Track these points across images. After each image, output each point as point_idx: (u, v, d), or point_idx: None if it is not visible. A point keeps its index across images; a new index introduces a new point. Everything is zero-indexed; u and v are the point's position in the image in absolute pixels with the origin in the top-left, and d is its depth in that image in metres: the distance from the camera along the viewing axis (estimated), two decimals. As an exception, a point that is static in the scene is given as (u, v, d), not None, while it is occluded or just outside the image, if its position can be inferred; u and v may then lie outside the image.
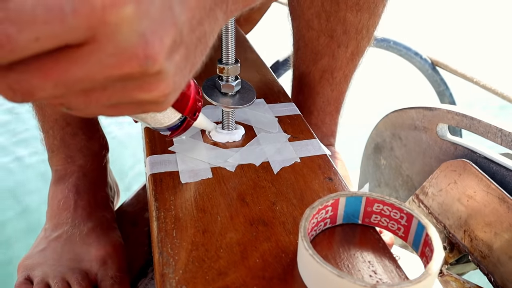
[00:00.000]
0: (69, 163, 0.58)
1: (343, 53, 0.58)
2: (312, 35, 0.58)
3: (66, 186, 0.57)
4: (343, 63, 0.60)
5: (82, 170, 0.58)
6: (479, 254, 0.51)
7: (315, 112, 0.65)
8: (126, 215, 0.65)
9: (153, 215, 0.37)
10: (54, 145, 0.58)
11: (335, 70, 0.60)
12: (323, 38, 0.58)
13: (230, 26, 0.39)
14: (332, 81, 0.61)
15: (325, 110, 0.65)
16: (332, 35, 0.57)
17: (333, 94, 0.63)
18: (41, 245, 0.53)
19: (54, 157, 0.59)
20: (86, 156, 0.59)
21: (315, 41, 0.58)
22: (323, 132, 0.66)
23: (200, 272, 0.31)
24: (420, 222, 0.32)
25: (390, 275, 0.31)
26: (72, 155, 0.58)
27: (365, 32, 0.57)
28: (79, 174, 0.58)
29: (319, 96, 0.63)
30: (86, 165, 0.59)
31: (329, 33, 0.57)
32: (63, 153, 0.58)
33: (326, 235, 0.35)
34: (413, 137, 0.68)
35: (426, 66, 1.20)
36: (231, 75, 0.42)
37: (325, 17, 0.56)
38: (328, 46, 0.58)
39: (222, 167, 0.42)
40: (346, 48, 0.58)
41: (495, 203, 0.49)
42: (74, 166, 0.58)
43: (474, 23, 3.20)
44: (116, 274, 0.51)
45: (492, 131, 0.53)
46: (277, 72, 1.14)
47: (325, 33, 0.57)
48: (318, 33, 0.57)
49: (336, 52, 0.58)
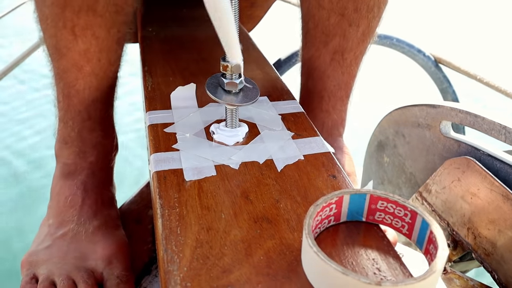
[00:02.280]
0: (80, 158, 0.58)
1: (354, 32, 0.58)
2: (323, 14, 0.57)
3: (74, 183, 0.57)
4: (354, 43, 0.59)
5: (91, 168, 0.58)
6: (482, 252, 0.51)
7: (326, 97, 0.64)
8: (130, 213, 0.65)
9: (157, 213, 0.37)
10: (70, 137, 0.58)
11: (345, 51, 0.59)
12: (334, 17, 0.57)
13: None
14: (343, 63, 0.61)
15: (336, 95, 0.63)
16: (343, 13, 0.56)
17: (343, 77, 0.62)
18: (46, 242, 0.53)
19: (66, 149, 0.58)
20: (99, 153, 0.59)
21: (326, 21, 0.58)
22: (334, 120, 0.65)
23: (205, 269, 0.31)
24: (424, 219, 0.32)
25: (394, 273, 0.31)
26: (86, 150, 0.58)
27: (376, 10, 0.56)
28: (89, 172, 0.58)
29: (330, 79, 0.62)
30: (97, 163, 0.59)
31: (340, 11, 0.56)
32: (77, 147, 0.58)
33: (330, 232, 0.35)
34: (416, 134, 0.67)
35: (429, 64, 1.20)
36: (234, 73, 0.42)
37: None
38: (339, 25, 0.57)
39: (226, 164, 0.42)
40: (358, 27, 0.57)
41: (499, 200, 0.49)
42: (85, 163, 0.58)
43: (477, 20, 3.19)
44: (122, 273, 0.52)
45: (496, 129, 0.53)
46: (280, 69, 1.14)
47: (336, 12, 0.56)
48: (329, 12, 0.57)
49: (348, 31, 0.58)
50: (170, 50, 0.65)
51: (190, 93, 0.54)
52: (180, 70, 0.59)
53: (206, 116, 0.49)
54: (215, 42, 0.67)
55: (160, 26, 0.74)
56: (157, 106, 0.51)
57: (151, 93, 0.54)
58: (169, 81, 0.57)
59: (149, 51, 0.65)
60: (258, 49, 0.68)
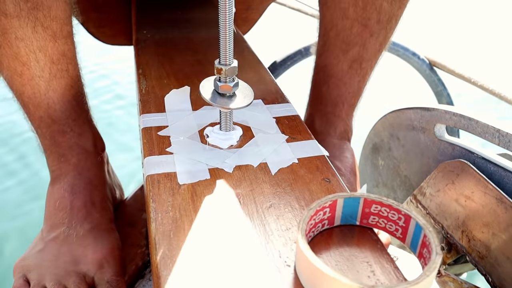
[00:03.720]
0: (62, 162, 0.57)
1: (374, 42, 0.59)
2: (346, 24, 0.58)
3: (62, 185, 0.56)
4: (372, 53, 0.60)
5: (77, 169, 0.57)
6: (477, 255, 0.51)
7: (340, 104, 0.64)
8: (123, 216, 0.65)
9: (150, 217, 0.37)
10: (46, 145, 0.57)
11: (364, 61, 0.60)
12: (357, 27, 0.58)
13: (228, 26, 0.39)
14: (360, 71, 0.62)
15: (350, 102, 0.65)
16: (366, 24, 0.57)
17: (359, 85, 0.63)
18: (38, 246, 0.53)
19: (48, 157, 0.58)
20: (79, 154, 0.58)
21: (348, 31, 0.58)
22: (346, 125, 0.67)
23: (199, 274, 0.31)
24: (418, 223, 0.32)
25: (388, 276, 0.31)
26: (65, 153, 0.57)
27: (394, 22, 0.58)
28: (75, 173, 0.57)
29: (346, 87, 0.63)
30: (80, 163, 0.58)
31: (363, 21, 0.57)
32: (56, 152, 0.57)
33: (324, 236, 0.35)
34: (411, 137, 0.68)
35: (424, 67, 1.21)
36: (229, 76, 0.42)
37: (362, 5, 0.56)
38: (360, 35, 0.58)
39: (219, 168, 0.42)
40: (377, 38, 0.58)
41: (493, 203, 0.49)
42: (69, 165, 0.57)
43: (471, 24, 3.21)
44: (112, 278, 0.51)
45: (490, 132, 0.53)
46: (275, 72, 1.14)
47: (359, 22, 0.57)
48: (352, 22, 0.57)
49: (368, 41, 0.59)
50: (164, 52, 0.65)
51: (185, 96, 0.54)
52: (174, 73, 0.59)
53: (200, 119, 0.49)
54: (209, 44, 0.67)
55: (155, 29, 0.74)
56: (151, 109, 0.51)
57: (145, 96, 0.54)
58: (164, 83, 0.57)
59: (144, 53, 0.65)
60: (253, 52, 0.68)
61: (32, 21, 0.47)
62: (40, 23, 0.48)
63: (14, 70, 0.50)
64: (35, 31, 0.48)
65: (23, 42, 0.48)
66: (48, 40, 0.49)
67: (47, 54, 0.50)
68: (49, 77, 0.52)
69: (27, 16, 0.46)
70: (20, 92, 0.53)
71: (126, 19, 0.91)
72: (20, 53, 0.48)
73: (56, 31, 0.50)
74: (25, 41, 0.48)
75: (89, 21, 0.90)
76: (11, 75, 0.51)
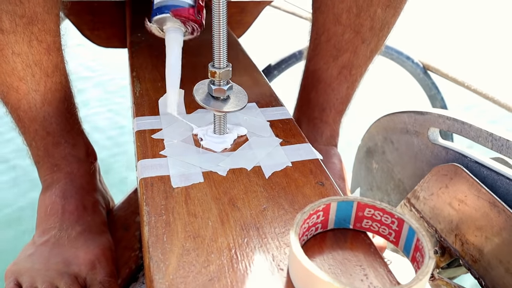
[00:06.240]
0: (55, 172, 0.57)
1: (365, 49, 0.58)
2: (338, 30, 0.58)
3: (53, 192, 0.56)
4: (362, 60, 0.60)
5: (69, 177, 0.58)
6: (470, 258, 0.52)
7: (328, 110, 0.64)
8: (117, 219, 0.64)
9: (144, 220, 0.36)
10: (39, 156, 0.57)
11: (354, 67, 0.60)
12: (349, 33, 0.57)
13: (222, 29, 0.39)
14: (350, 78, 0.61)
15: (338, 108, 0.64)
16: (359, 31, 0.56)
17: (347, 92, 0.63)
18: (29, 250, 0.53)
19: (40, 168, 0.58)
20: (72, 163, 0.58)
21: (340, 36, 0.58)
22: (332, 131, 0.66)
23: (191, 277, 0.31)
24: (411, 227, 0.32)
25: (381, 280, 0.31)
26: (58, 163, 0.57)
27: (386, 29, 0.57)
28: (67, 180, 0.57)
29: (334, 93, 0.63)
30: (73, 172, 0.58)
31: (356, 28, 0.56)
32: (49, 163, 0.57)
33: (317, 240, 0.35)
34: (404, 141, 0.68)
35: (418, 70, 1.21)
36: (223, 79, 0.42)
37: (356, 12, 0.55)
38: (352, 42, 0.58)
39: (213, 171, 0.42)
40: (368, 45, 0.58)
41: (486, 207, 0.49)
42: (61, 173, 0.57)
43: (465, 28, 3.23)
44: (105, 279, 0.51)
45: (483, 136, 0.53)
46: (269, 75, 1.14)
47: (352, 28, 0.57)
48: (345, 28, 0.57)
49: (359, 48, 0.58)
50: (158, 55, 0.65)
51: (179, 99, 0.53)
52: (168, 76, 0.59)
53: (194, 122, 0.49)
54: (204, 48, 0.67)
55: (149, 32, 0.74)
56: (145, 112, 0.51)
57: (139, 99, 0.54)
58: (158, 86, 0.56)
59: (138, 56, 0.65)
60: (247, 55, 0.68)
61: (28, 36, 0.47)
62: (35, 37, 0.48)
63: (10, 86, 0.50)
64: (31, 46, 0.48)
65: (20, 57, 0.48)
66: (43, 54, 0.50)
67: (42, 67, 0.51)
68: (45, 90, 0.53)
69: (23, 31, 0.46)
70: (15, 107, 0.53)
71: (121, 22, 0.91)
72: (17, 68, 0.49)
73: (50, 44, 0.50)
74: (22, 56, 0.48)
75: (84, 24, 0.90)
76: (7, 91, 0.51)
